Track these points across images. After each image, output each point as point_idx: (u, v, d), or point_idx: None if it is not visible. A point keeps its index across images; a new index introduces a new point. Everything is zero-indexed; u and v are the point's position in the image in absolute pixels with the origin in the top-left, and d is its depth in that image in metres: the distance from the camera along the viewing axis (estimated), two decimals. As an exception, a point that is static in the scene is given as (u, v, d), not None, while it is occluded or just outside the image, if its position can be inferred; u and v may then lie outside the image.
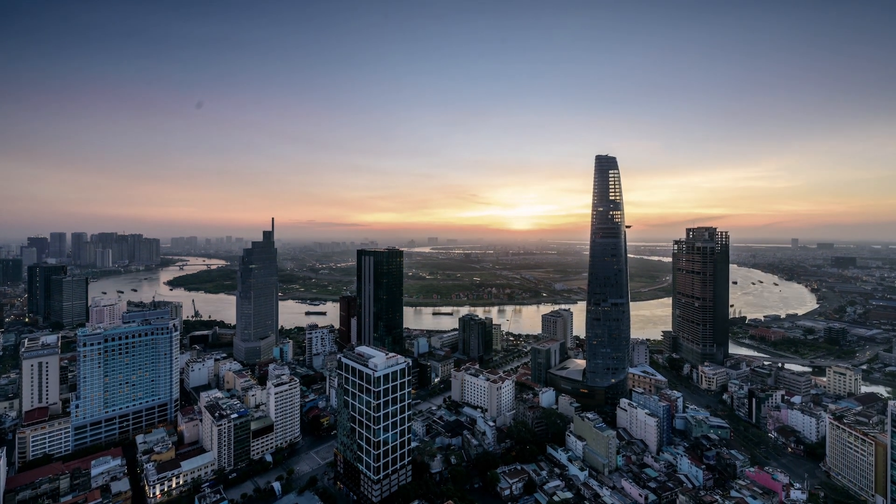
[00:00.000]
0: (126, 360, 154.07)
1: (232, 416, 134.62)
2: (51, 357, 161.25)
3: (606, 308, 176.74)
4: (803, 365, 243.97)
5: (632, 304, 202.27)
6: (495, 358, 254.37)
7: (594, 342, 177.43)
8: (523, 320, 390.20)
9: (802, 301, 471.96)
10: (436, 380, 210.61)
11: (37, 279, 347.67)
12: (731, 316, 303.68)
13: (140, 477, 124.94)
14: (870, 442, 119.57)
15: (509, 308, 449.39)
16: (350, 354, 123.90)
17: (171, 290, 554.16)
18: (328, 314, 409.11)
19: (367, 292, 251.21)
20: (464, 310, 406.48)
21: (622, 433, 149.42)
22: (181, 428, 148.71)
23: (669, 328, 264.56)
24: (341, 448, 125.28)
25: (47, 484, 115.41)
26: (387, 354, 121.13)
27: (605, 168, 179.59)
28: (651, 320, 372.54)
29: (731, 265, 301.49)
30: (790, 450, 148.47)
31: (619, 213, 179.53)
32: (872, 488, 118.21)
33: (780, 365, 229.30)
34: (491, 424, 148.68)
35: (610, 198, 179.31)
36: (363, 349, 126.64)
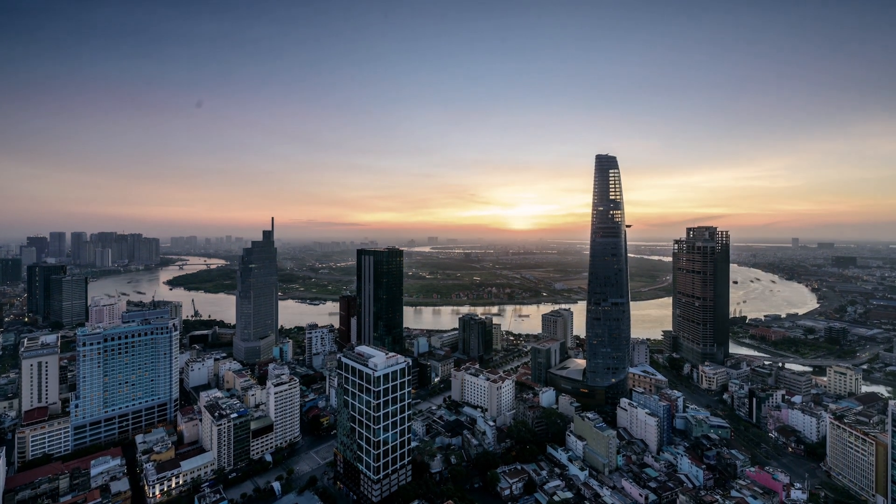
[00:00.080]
0: (125, 360, 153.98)
1: (232, 416, 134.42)
2: (50, 357, 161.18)
3: (607, 308, 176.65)
4: (804, 365, 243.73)
5: (632, 304, 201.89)
6: (495, 357, 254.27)
7: (594, 342, 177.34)
8: (522, 320, 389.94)
9: (803, 301, 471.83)
10: (436, 379, 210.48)
11: (36, 279, 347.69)
12: (732, 315, 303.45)
13: (140, 477, 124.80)
14: (870, 442, 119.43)
15: (509, 308, 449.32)
16: (350, 354, 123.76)
17: (171, 290, 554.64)
18: (327, 311, 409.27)
19: (367, 292, 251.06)
20: (464, 309, 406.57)
21: (622, 433, 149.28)
22: (181, 428, 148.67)
23: (670, 328, 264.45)
24: (341, 448, 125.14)
25: (47, 484, 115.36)
26: (387, 354, 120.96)
27: (606, 167, 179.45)
28: (651, 320, 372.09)
29: (732, 265, 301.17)
30: (791, 450, 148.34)
31: (620, 213, 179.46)
32: (873, 488, 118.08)
33: (781, 365, 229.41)
34: (491, 424, 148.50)
35: (610, 197, 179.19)
36: (363, 349, 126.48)
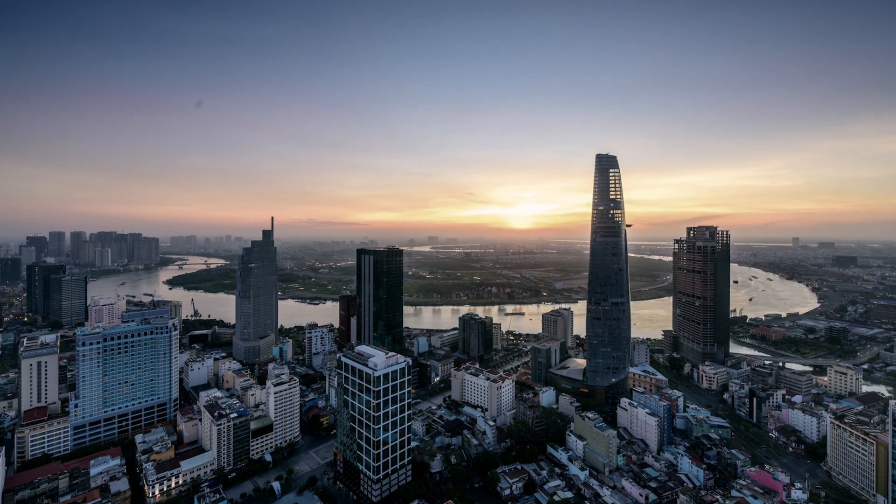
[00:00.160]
0: (125, 360, 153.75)
1: (231, 416, 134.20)
2: (50, 356, 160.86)
3: (607, 307, 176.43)
4: (804, 364, 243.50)
5: (632, 304, 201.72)
6: (495, 357, 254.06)
7: (595, 341, 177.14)
8: (523, 320, 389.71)
9: (803, 300, 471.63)
10: (436, 379, 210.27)
11: (36, 278, 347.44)
12: (732, 315, 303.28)
13: (139, 476, 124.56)
14: (871, 441, 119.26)
15: (510, 307, 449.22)
16: (350, 354, 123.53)
17: (171, 290, 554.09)
18: (327, 310, 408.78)
19: (367, 291, 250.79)
20: (464, 309, 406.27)
21: (623, 433, 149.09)
22: (180, 427, 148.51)
23: (670, 327, 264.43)
24: (341, 447, 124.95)
25: (46, 483, 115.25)
26: (387, 354, 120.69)
27: (606, 167, 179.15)
28: (652, 319, 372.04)
29: (732, 264, 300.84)
30: (791, 449, 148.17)
31: (620, 212, 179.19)
32: (874, 488, 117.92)
33: (781, 364, 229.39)
34: (491, 424, 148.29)
35: (610, 197, 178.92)
36: (363, 348, 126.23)
